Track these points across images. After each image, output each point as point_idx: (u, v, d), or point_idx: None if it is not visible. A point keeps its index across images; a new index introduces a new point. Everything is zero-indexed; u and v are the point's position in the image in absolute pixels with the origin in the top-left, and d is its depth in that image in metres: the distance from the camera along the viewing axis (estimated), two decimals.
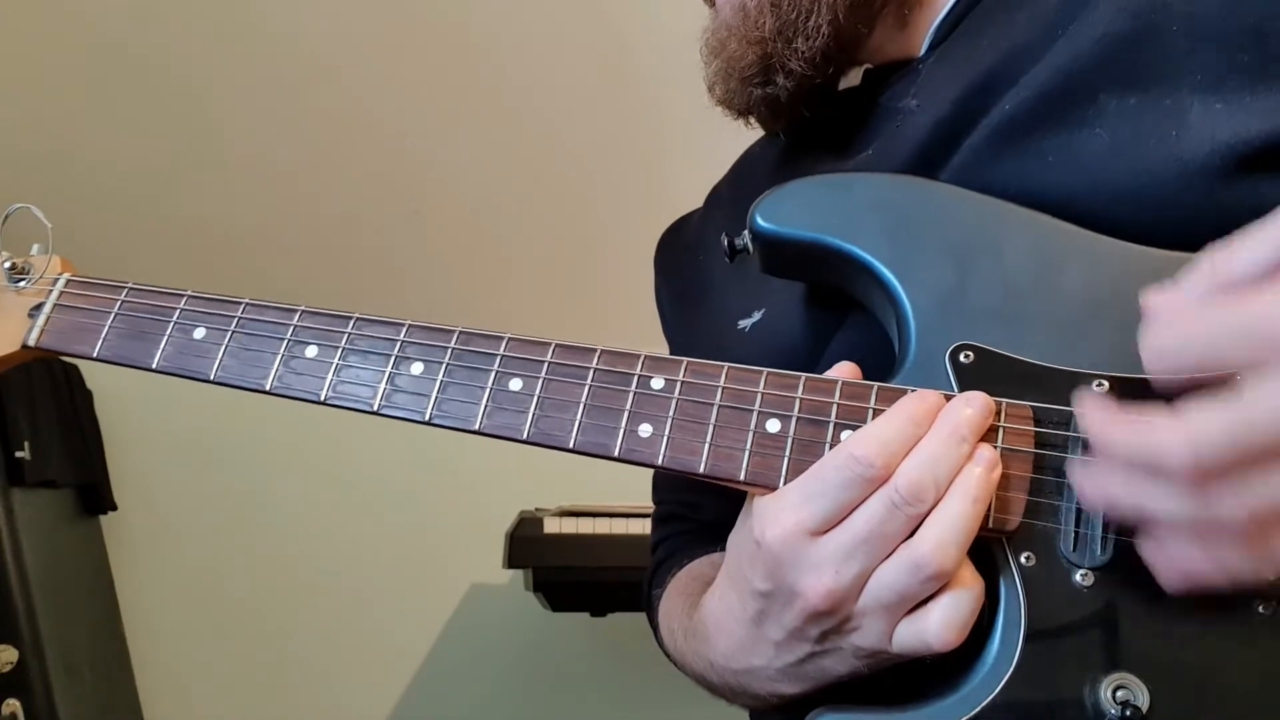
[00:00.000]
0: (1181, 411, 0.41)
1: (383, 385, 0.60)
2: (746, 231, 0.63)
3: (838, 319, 0.65)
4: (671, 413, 0.56)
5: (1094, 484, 0.45)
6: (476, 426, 0.58)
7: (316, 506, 2.64)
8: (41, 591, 1.97)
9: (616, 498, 2.05)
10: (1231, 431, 0.40)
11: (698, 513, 0.83)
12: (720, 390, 0.56)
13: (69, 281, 0.67)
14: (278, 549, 2.59)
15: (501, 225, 2.45)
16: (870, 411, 0.53)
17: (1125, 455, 0.43)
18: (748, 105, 0.75)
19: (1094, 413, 0.46)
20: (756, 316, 0.71)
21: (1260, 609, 0.47)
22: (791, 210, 0.61)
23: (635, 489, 0.87)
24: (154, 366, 0.63)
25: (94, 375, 2.50)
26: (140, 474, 2.59)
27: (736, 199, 0.82)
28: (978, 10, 0.68)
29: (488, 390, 0.58)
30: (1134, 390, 0.50)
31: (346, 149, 2.26)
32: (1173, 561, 0.44)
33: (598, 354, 0.58)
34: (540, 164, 2.30)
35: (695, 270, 0.83)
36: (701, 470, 0.55)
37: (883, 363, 0.58)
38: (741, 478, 0.54)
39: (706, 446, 0.55)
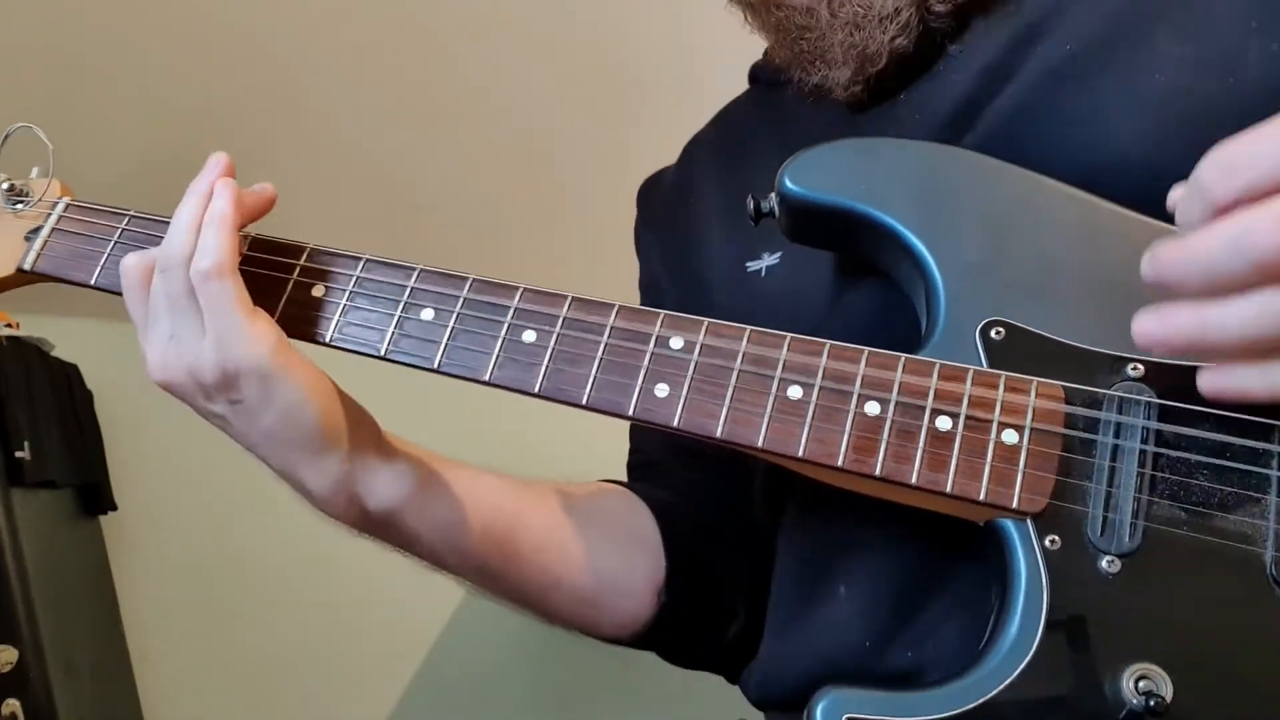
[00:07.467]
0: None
1: (391, 329, 0.57)
2: (773, 194, 0.61)
3: (861, 271, 0.63)
4: (690, 373, 0.54)
5: (1157, 320, 0.43)
6: (487, 377, 0.56)
7: None
8: (41, 591, 1.94)
9: None
10: None
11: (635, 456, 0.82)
12: (741, 354, 0.54)
13: (69, 206, 0.65)
14: (277, 549, 2.54)
15: (501, 223, 2.43)
16: (896, 384, 0.52)
17: (1209, 248, 0.40)
18: (867, 54, 0.64)
19: (1162, 245, 0.43)
20: (769, 260, 0.67)
21: None
22: (821, 175, 0.59)
23: None
24: None
25: (94, 375, 2.46)
26: (140, 474, 2.54)
27: (733, 149, 0.78)
28: None
29: (500, 340, 0.56)
30: (1171, 374, 0.49)
31: (345, 146, 2.23)
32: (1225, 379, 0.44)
33: (615, 310, 0.56)
34: (541, 162, 2.27)
35: (686, 215, 0.79)
36: (719, 434, 0.53)
37: (903, 332, 0.56)
38: (759, 444, 0.52)
39: (725, 410, 0.53)
